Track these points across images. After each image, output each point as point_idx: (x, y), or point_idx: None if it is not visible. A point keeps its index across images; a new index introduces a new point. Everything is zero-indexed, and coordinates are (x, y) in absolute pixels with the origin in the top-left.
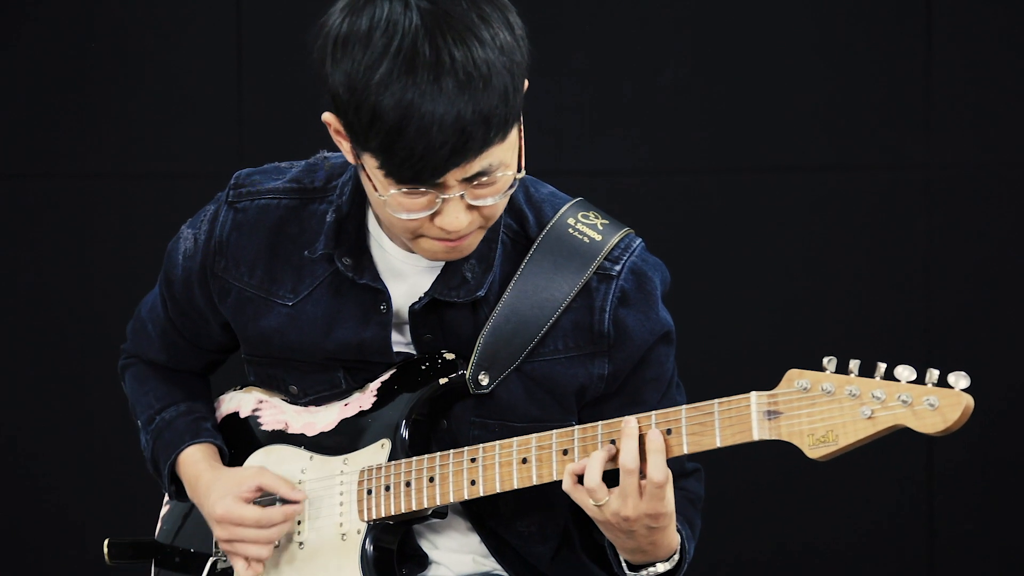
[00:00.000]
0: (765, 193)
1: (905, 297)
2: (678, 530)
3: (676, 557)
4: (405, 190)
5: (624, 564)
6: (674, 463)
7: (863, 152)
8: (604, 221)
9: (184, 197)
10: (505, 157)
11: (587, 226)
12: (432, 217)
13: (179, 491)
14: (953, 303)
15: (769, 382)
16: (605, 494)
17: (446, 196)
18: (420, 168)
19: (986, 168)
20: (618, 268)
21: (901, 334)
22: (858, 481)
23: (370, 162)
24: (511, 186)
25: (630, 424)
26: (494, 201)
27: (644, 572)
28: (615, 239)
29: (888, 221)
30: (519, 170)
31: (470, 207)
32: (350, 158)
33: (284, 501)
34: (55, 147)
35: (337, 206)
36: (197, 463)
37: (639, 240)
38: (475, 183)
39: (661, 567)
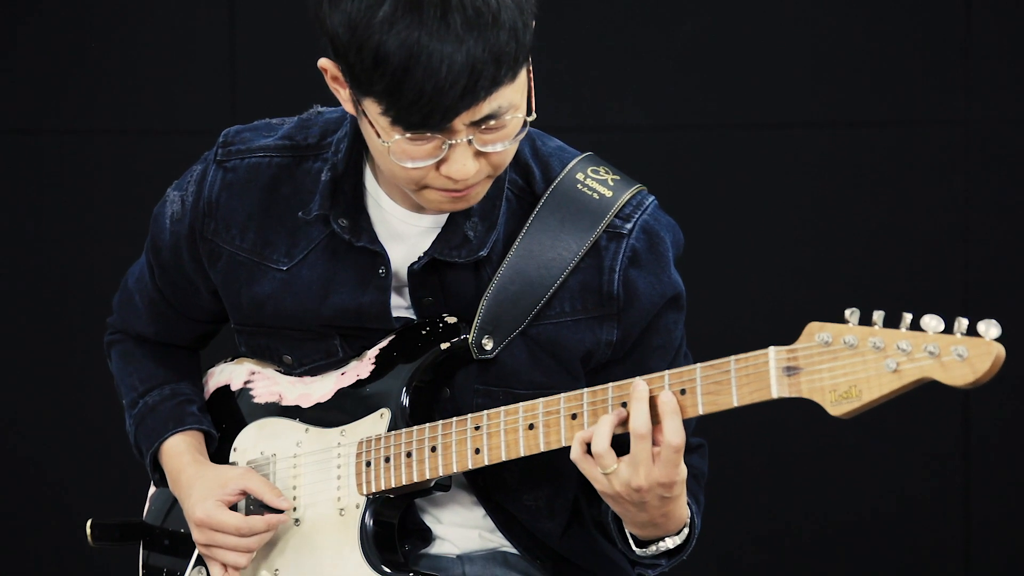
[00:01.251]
0: (793, 148)
1: (940, 256)
2: (688, 504)
3: (686, 531)
4: (411, 136)
5: (631, 540)
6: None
7: (899, 108)
8: (615, 177)
9: (175, 155)
10: (515, 99)
11: (597, 182)
12: (438, 165)
13: (163, 479)
14: (990, 261)
15: (789, 338)
16: (613, 461)
17: (453, 142)
18: (429, 111)
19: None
20: (629, 226)
21: (936, 293)
22: (892, 458)
23: (372, 108)
24: (521, 130)
25: (640, 386)
26: (503, 147)
27: (653, 548)
28: (626, 196)
29: (924, 177)
30: (529, 113)
31: (478, 154)
32: (348, 107)
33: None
34: (40, 103)
35: (332, 164)
36: (180, 455)
37: (651, 197)
38: (484, 127)
39: (671, 541)
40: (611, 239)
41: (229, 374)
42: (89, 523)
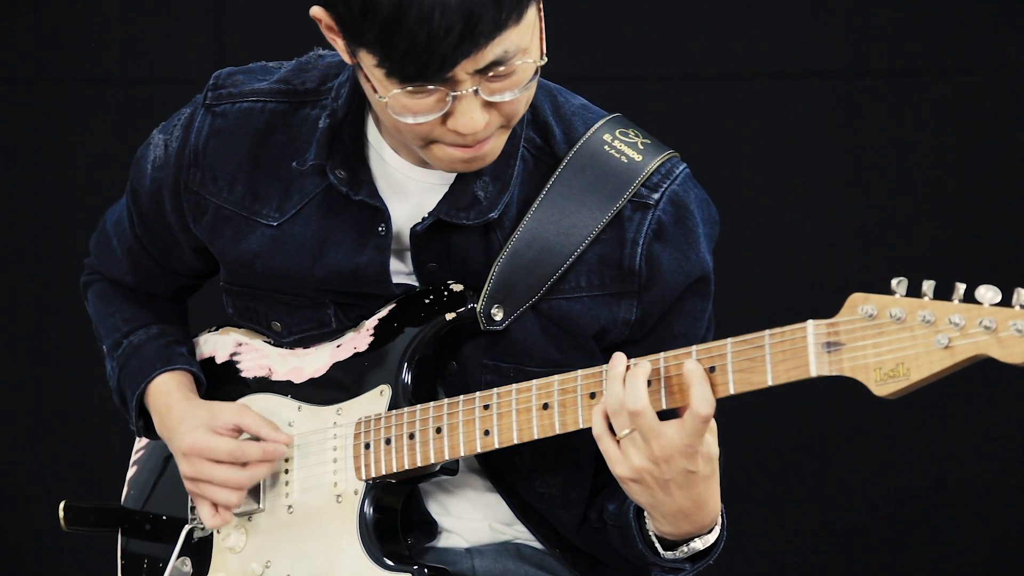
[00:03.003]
0: (834, 99)
1: (997, 222)
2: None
3: (717, 530)
4: (410, 89)
5: (657, 542)
6: None
7: (957, 55)
8: (645, 141)
9: (157, 106)
10: (522, 41)
11: (626, 144)
12: (444, 119)
13: (147, 426)
14: None
15: (829, 311)
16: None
17: (457, 93)
18: (424, 61)
19: None
20: (656, 196)
21: (991, 262)
22: (942, 441)
23: (367, 60)
24: (533, 77)
25: (615, 362)
26: (513, 96)
27: (682, 550)
28: (656, 162)
29: (982, 129)
30: (541, 57)
31: (487, 104)
32: (346, 57)
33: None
34: (15, 50)
35: (331, 111)
36: (169, 393)
37: (683, 166)
38: (490, 75)
39: (700, 543)
40: (636, 209)
41: (214, 345)
42: (62, 505)
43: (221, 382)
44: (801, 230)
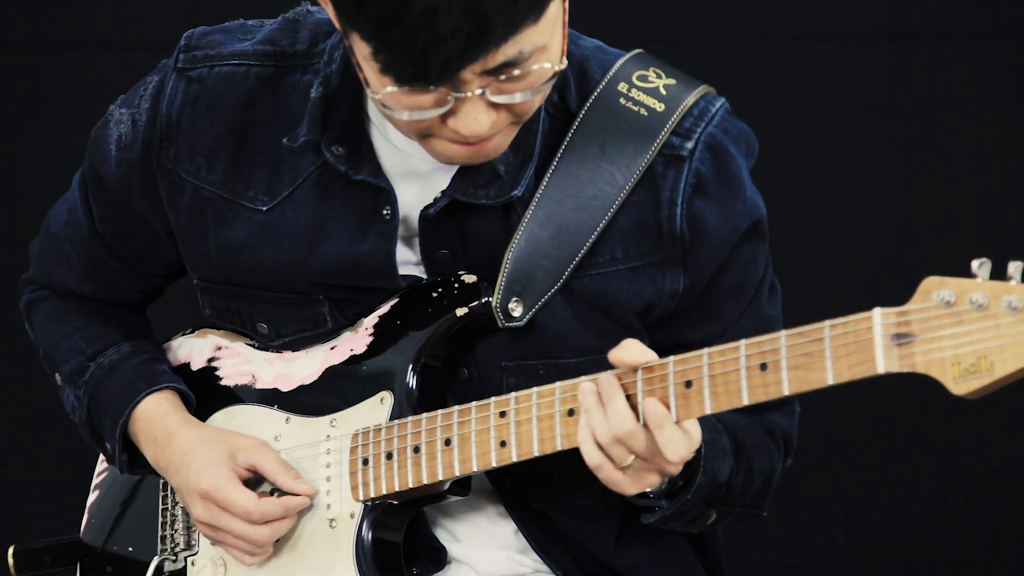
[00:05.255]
0: (909, 60)
1: None
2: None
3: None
4: (407, 88)
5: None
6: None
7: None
8: (669, 81)
9: (117, 76)
10: (540, 39)
11: (645, 92)
12: (444, 117)
13: (132, 460)
14: None
15: (899, 298)
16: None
17: (461, 95)
18: (424, 64)
19: None
20: (691, 145)
21: None
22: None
23: (361, 48)
24: (550, 79)
25: (584, 389)
26: (525, 97)
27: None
28: (687, 103)
29: None
30: (561, 59)
31: (494, 105)
32: (337, 25)
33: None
34: None
35: (324, 77)
36: (164, 416)
37: (720, 102)
38: (501, 77)
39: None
40: (669, 164)
41: (189, 350)
42: (11, 551)
43: (197, 392)
44: (863, 205)
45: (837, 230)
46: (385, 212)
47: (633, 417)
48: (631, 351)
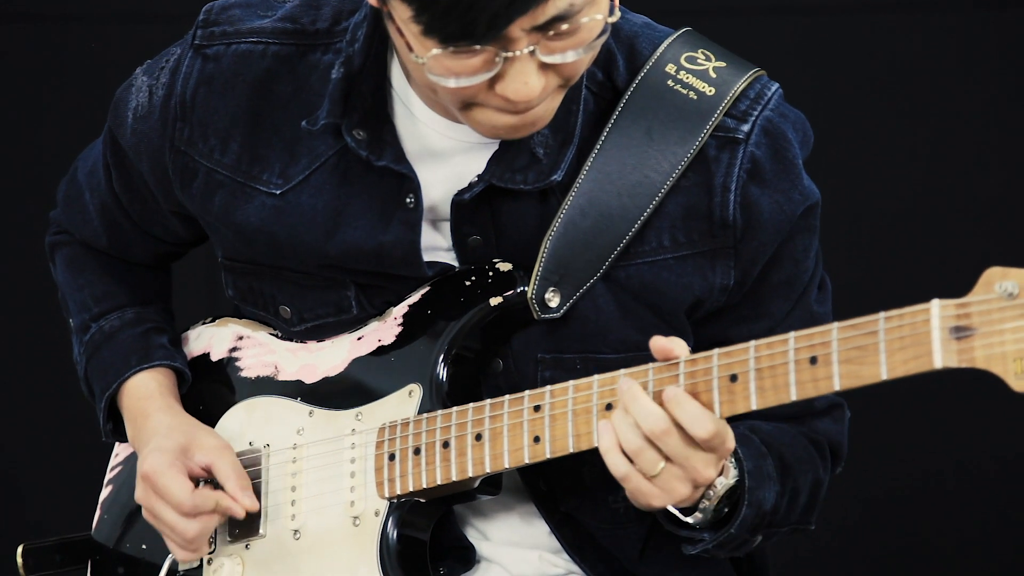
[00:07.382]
0: (964, 34)
1: None
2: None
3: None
4: (452, 50)
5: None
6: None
7: None
8: (720, 64)
9: (132, 50)
10: None
11: (694, 74)
12: (491, 82)
13: (117, 429)
14: None
15: (959, 289)
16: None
17: (510, 54)
18: (471, 19)
19: None
20: (747, 128)
21: None
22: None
23: (401, 10)
24: (601, 34)
25: (623, 386)
26: (576, 56)
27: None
28: (740, 85)
29: None
30: (612, 11)
31: (544, 66)
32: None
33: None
34: None
35: (347, 57)
36: (148, 398)
37: (775, 86)
38: (551, 33)
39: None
40: (722, 146)
41: (208, 340)
42: (21, 550)
43: (217, 384)
44: (925, 190)
45: (892, 218)
46: (408, 200)
47: (665, 415)
48: (678, 343)
